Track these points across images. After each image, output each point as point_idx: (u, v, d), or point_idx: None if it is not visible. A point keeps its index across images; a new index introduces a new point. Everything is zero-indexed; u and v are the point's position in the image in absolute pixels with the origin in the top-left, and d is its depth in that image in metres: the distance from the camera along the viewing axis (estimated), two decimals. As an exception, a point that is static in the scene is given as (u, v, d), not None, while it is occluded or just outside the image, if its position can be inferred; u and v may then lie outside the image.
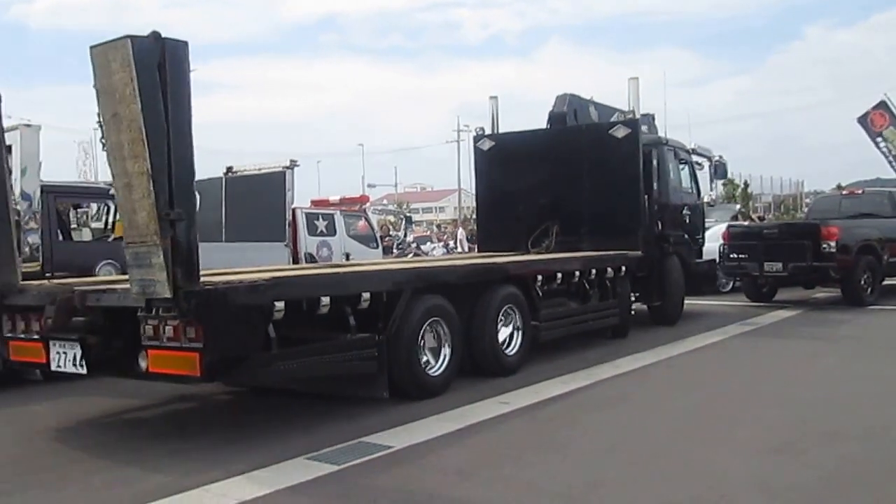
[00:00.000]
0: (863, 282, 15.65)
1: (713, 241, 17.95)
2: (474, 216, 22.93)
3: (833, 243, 15.26)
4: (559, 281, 10.43)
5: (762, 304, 16.42)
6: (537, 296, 9.99)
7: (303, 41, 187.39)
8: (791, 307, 15.86)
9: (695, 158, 15.48)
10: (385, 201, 59.42)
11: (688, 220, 14.58)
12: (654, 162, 13.23)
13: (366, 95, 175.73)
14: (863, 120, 24.93)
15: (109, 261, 10.52)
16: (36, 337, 7.17)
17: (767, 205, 49.05)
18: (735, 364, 10.38)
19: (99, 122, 6.83)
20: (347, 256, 17.65)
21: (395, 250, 21.52)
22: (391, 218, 25.06)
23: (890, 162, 31.46)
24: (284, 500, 5.41)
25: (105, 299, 6.76)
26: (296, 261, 16.07)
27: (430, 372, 8.27)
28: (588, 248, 12.08)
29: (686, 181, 14.79)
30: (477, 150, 13.99)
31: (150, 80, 5.71)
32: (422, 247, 25.35)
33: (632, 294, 12.48)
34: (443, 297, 8.46)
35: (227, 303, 6.36)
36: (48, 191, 10.46)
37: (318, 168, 72.59)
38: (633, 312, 12.59)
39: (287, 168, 14.85)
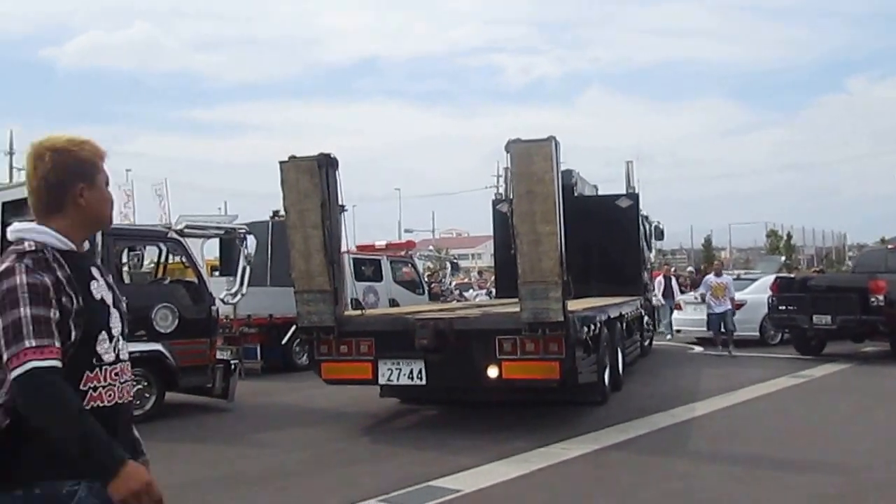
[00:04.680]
0: (914, 335, 15.45)
1: (760, 292, 18.00)
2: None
3: (881, 297, 15.14)
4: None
5: (811, 357, 16.30)
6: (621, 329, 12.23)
7: (340, 84, 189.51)
8: (841, 361, 15.73)
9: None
10: (427, 246, 59.70)
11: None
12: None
13: (402, 139, 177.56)
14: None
15: (167, 304, 10.59)
16: (366, 357, 9.11)
17: (810, 257, 48.57)
18: (788, 416, 10.44)
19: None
20: (393, 302, 17.67)
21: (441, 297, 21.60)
22: (430, 264, 25.14)
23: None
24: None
25: (473, 324, 9.23)
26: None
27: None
28: (598, 295, 13.09)
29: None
30: (496, 212, 15.45)
31: (556, 169, 8.19)
32: (465, 293, 25.54)
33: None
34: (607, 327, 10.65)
35: (577, 326, 8.75)
36: (109, 233, 10.30)
37: (354, 212, 73.25)
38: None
39: (334, 213, 15.03)
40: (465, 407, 10.32)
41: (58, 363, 2.18)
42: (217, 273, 15.48)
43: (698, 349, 18.67)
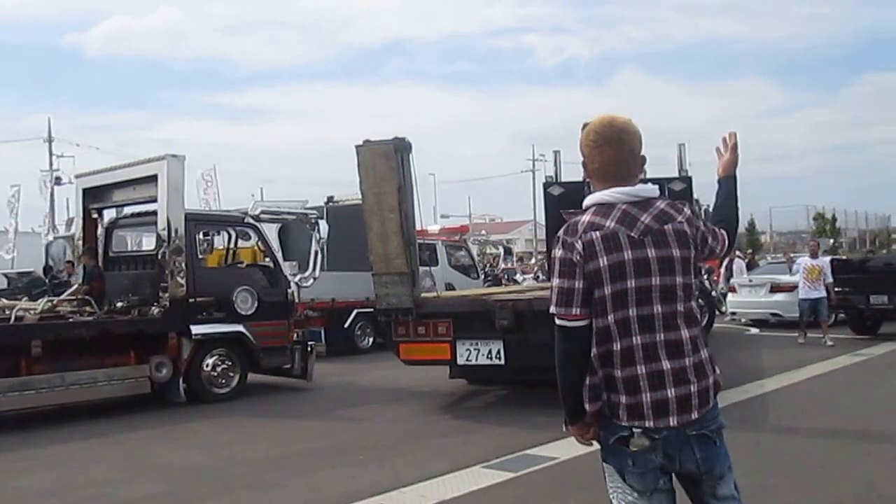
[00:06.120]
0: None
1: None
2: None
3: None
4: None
5: (867, 336, 16.37)
6: None
7: (368, 67, 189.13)
8: (897, 339, 15.82)
9: None
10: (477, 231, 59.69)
11: None
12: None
13: (431, 123, 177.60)
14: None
15: (246, 287, 10.99)
16: (444, 338, 9.28)
17: (852, 240, 48.38)
18: (858, 390, 10.62)
19: None
20: (449, 286, 17.90)
21: (501, 281, 21.86)
22: (491, 249, 25.43)
23: None
24: (480, 499, 5.89)
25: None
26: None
27: None
28: None
29: None
30: (547, 195, 15.02)
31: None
32: (513, 278, 25.79)
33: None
34: None
35: None
36: (191, 219, 10.89)
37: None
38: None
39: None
40: (532, 388, 10.51)
41: None
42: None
43: (754, 330, 18.81)
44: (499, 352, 9.09)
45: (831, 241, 27.44)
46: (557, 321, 2.77)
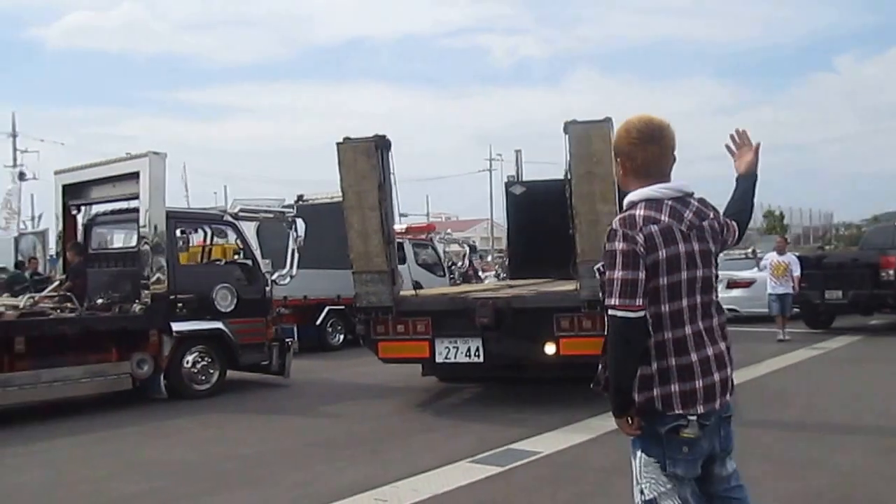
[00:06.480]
0: (919, 308, 16.23)
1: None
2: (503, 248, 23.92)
3: (891, 272, 15.88)
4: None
5: (821, 330, 16.93)
6: None
7: (328, 65, 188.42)
8: (850, 333, 16.41)
9: None
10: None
11: None
12: None
13: (389, 121, 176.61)
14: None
15: (225, 284, 11.16)
16: (423, 336, 9.32)
17: (797, 237, 49.38)
18: (818, 383, 11.10)
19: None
20: (417, 285, 18.05)
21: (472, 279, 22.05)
22: (456, 247, 25.60)
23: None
24: (472, 493, 6.10)
25: (531, 302, 9.33)
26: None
27: None
28: None
29: None
30: (509, 194, 15.22)
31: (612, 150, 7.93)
32: (478, 275, 25.91)
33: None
34: None
35: None
36: (172, 216, 10.98)
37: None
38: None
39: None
40: (504, 385, 10.74)
41: None
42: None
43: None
44: (478, 349, 9.17)
45: (777, 237, 27.94)
46: (618, 312, 2.86)
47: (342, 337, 16.81)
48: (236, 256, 12.11)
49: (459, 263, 23.26)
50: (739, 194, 3.36)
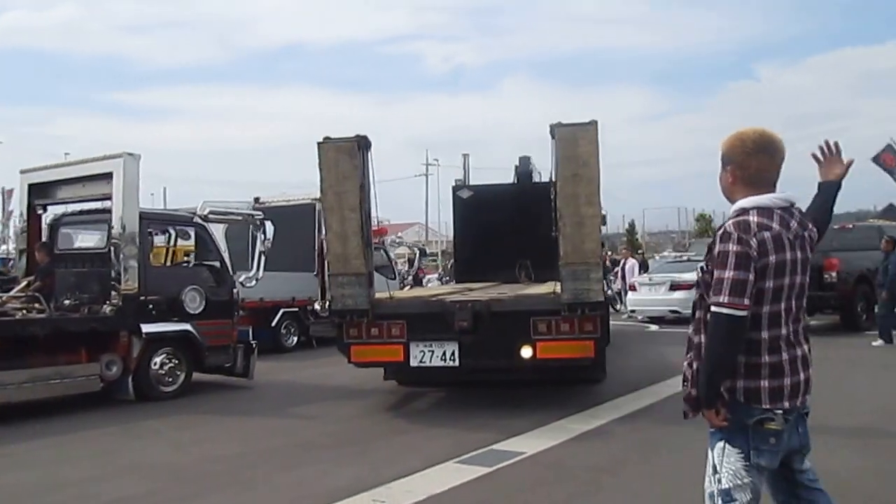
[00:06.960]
0: (859, 309, 17.02)
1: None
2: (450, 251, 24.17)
3: (834, 274, 16.51)
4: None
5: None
6: None
7: (265, 69, 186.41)
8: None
9: None
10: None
11: None
12: None
13: (326, 125, 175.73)
14: (876, 159, 28.26)
15: (194, 286, 11.12)
16: (397, 340, 9.14)
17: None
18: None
19: None
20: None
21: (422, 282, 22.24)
22: (406, 250, 25.74)
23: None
24: (471, 493, 6.25)
25: (510, 306, 9.25)
26: (323, 291, 16.53)
27: None
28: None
29: None
30: (456, 198, 15.25)
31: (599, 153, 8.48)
32: (422, 279, 26.11)
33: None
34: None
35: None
36: (144, 217, 10.90)
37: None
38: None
39: (317, 200, 15.40)
40: (469, 388, 10.80)
41: None
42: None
43: (654, 327, 19.81)
44: (453, 353, 9.01)
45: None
46: (725, 310, 3.06)
47: (296, 339, 16.90)
48: (186, 258, 12.12)
49: (407, 267, 23.39)
50: (821, 202, 3.65)
